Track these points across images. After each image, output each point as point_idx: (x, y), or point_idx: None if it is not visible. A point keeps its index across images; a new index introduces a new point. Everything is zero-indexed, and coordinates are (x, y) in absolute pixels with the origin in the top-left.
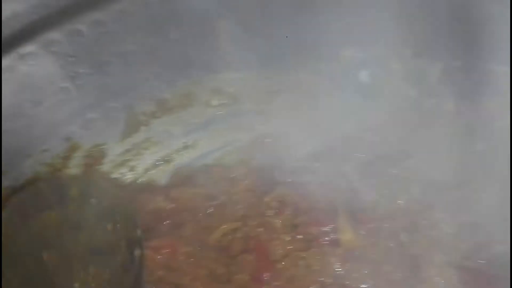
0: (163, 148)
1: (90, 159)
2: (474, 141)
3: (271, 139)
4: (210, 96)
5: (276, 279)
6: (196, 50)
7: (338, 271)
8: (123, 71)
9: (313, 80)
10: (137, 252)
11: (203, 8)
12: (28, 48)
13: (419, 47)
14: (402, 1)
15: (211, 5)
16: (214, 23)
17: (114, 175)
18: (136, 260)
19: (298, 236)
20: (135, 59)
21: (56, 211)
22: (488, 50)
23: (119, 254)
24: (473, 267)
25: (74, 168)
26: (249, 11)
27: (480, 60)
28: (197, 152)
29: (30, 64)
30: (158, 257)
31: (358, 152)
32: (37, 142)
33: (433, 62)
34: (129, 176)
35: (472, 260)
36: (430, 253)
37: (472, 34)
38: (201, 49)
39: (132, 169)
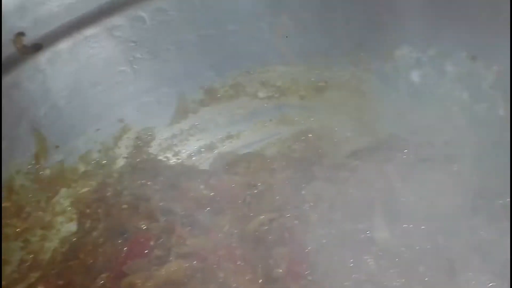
0: (208, 136)
1: (139, 141)
2: None
3: (314, 134)
4: (257, 88)
5: (310, 273)
6: (249, 43)
7: (372, 268)
8: (178, 58)
9: (363, 78)
10: None
11: (261, 3)
12: (92, 30)
13: (475, 50)
14: (462, 1)
15: (268, 1)
16: (270, 18)
17: (160, 158)
18: None
19: (333, 231)
20: (191, 48)
21: None
22: None
23: None
24: (510, 275)
25: (123, 148)
26: (304, 7)
27: None
28: (240, 142)
29: (92, 47)
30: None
31: (401, 153)
32: (92, 121)
33: (488, 66)
34: (173, 160)
35: (510, 268)
36: (467, 258)
37: None
38: (254, 42)
39: (176, 153)
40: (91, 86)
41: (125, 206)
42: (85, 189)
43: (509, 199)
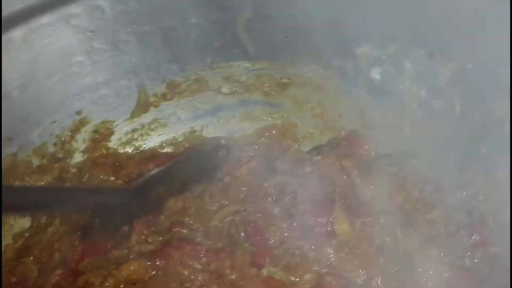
0: (170, 130)
1: (97, 134)
2: (478, 145)
3: (277, 130)
4: (221, 83)
5: (273, 265)
6: (212, 37)
7: (332, 261)
8: (139, 50)
9: (325, 75)
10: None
11: None
12: (48, 18)
13: (432, 47)
14: (419, 1)
15: None
16: (234, 12)
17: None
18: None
19: (295, 225)
20: (151, 40)
21: None
22: (501, 53)
23: None
24: (467, 266)
25: (80, 142)
26: (267, 3)
27: (493, 63)
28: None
29: (48, 35)
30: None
31: (361, 149)
32: (47, 113)
33: (445, 63)
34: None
35: (467, 259)
36: (424, 250)
37: (487, 37)
38: (217, 36)
39: (137, 148)
40: (47, 77)
41: None
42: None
43: (465, 193)
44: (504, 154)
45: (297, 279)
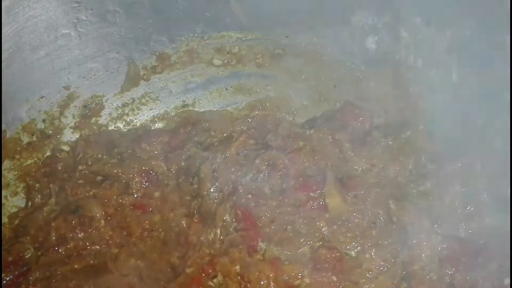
0: (162, 104)
1: (87, 110)
2: (476, 115)
3: (271, 103)
4: (213, 55)
5: (265, 244)
6: (203, 6)
7: (325, 234)
8: (127, 22)
9: (319, 45)
10: None
11: None
12: None
13: (429, 15)
14: None
15: None
16: None
17: (110, 128)
18: None
19: (286, 201)
20: (139, 10)
21: None
22: (500, 20)
23: None
24: (461, 237)
25: (70, 118)
26: None
27: (491, 30)
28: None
29: (32, 7)
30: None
31: (355, 121)
32: (35, 88)
33: (443, 31)
34: (124, 131)
35: (461, 230)
36: (418, 221)
37: (484, 3)
38: (208, 5)
39: (128, 123)
40: (32, 50)
41: (81, 181)
42: (30, 162)
43: (460, 164)
44: (502, 123)
45: (291, 254)
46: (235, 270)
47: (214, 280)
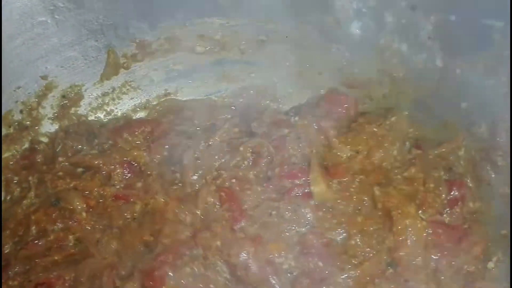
0: (143, 94)
1: (65, 100)
2: (460, 99)
3: (255, 90)
4: (195, 42)
5: (249, 225)
6: None
7: (310, 221)
8: (106, 8)
9: (304, 31)
10: None
11: None
12: None
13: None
14: None
15: None
16: None
17: (91, 118)
18: None
19: (271, 187)
20: None
21: None
22: (484, 4)
23: None
24: (446, 222)
25: (48, 108)
26: None
27: (475, 15)
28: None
29: None
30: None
31: (340, 107)
32: (10, 79)
33: (427, 16)
34: (105, 122)
35: (446, 215)
36: (403, 207)
37: None
38: None
39: (109, 113)
40: (8, 39)
41: (61, 173)
42: (8, 154)
43: (445, 149)
44: (485, 108)
45: (275, 235)
46: (216, 245)
47: (194, 251)
